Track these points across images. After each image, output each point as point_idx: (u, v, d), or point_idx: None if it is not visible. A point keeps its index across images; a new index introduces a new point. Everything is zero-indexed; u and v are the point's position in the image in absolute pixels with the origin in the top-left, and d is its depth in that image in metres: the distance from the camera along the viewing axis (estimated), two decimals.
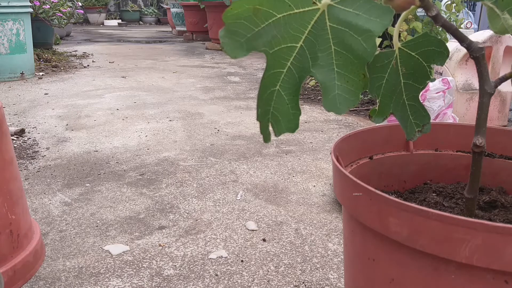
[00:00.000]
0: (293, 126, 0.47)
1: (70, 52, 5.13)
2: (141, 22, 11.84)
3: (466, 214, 0.57)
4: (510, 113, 2.29)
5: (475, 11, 4.63)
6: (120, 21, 11.47)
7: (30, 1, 3.70)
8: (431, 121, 0.57)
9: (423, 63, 0.52)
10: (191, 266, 1.09)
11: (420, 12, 2.45)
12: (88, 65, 4.27)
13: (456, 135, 0.75)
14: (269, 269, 1.08)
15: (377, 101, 0.54)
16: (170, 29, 9.06)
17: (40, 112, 2.53)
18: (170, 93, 3.05)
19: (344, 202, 0.58)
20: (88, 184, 1.57)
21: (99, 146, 1.97)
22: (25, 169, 1.70)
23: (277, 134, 0.47)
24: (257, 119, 0.46)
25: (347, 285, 0.66)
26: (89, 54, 5.06)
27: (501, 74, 1.43)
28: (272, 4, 0.44)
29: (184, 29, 7.50)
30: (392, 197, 0.48)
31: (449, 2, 2.37)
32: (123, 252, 1.15)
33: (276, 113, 0.47)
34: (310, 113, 2.56)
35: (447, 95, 1.59)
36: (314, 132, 2.18)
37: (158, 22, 11.78)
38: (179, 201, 1.44)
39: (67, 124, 2.29)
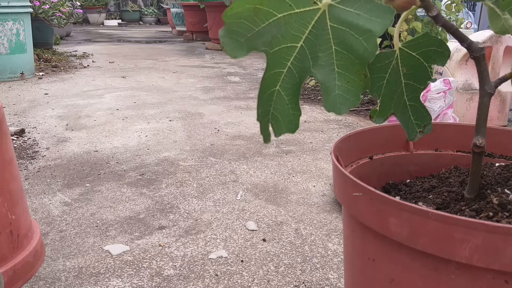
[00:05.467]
0: (293, 127, 0.47)
1: (70, 52, 5.13)
2: (141, 22, 11.84)
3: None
4: (510, 113, 2.29)
5: (475, 11, 4.63)
6: (120, 21, 11.47)
7: (30, 1, 3.70)
8: (432, 121, 0.57)
9: (424, 63, 0.52)
10: (191, 266, 1.09)
11: (420, 12, 2.45)
12: (88, 65, 4.27)
13: (456, 135, 0.75)
14: (269, 269, 1.08)
15: (378, 101, 0.54)
16: (170, 29, 9.06)
17: (40, 112, 2.53)
18: (170, 93, 3.05)
19: (344, 202, 0.58)
20: (88, 184, 1.57)
21: (99, 146, 1.97)
22: (25, 169, 1.70)
23: (277, 134, 0.47)
24: (257, 119, 0.46)
25: (347, 285, 0.66)
26: (89, 54, 5.06)
27: (501, 74, 1.43)
28: (273, 4, 0.43)
29: (184, 29, 7.50)
30: (392, 197, 0.48)
31: (449, 2, 2.37)
32: (123, 252, 1.15)
33: (276, 114, 0.46)
34: (310, 113, 2.56)
35: (448, 95, 1.59)
36: (314, 132, 2.18)
37: (158, 22, 11.78)
38: (179, 201, 1.44)
39: (67, 124, 2.29)
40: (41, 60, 4.22)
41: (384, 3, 0.48)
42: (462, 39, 0.50)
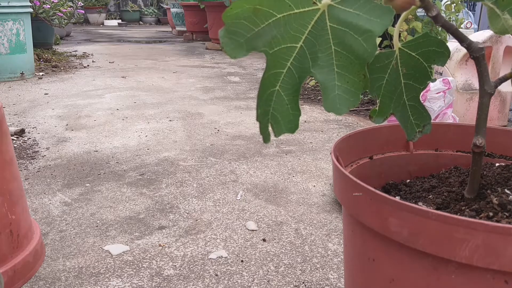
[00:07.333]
0: (292, 127, 0.47)
1: (70, 52, 5.13)
2: (141, 22, 11.84)
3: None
4: (510, 113, 2.29)
5: (475, 11, 4.62)
6: (120, 21, 11.47)
7: (30, 1, 3.70)
8: (431, 121, 0.57)
9: (423, 64, 0.52)
10: (191, 266, 1.09)
11: (420, 12, 2.45)
12: (88, 65, 4.27)
13: (456, 135, 0.75)
14: (269, 269, 1.08)
15: (378, 101, 0.54)
16: (170, 29, 9.06)
17: (40, 112, 2.53)
18: (170, 93, 3.05)
19: (344, 202, 0.58)
20: (88, 184, 1.57)
21: (99, 146, 1.97)
22: (25, 169, 1.70)
23: (277, 134, 0.47)
24: (257, 120, 0.46)
25: (347, 285, 0.66)
26: (89, 54, 5.06)
27: (501, 74, 1.43)
28: (272, 4, 0.44)
29: (184, 29, 7.50)
30: (392, 197, 0.48)
31: (449, 2, 2.37)
32: (123, 252, 1.15)
33: (276, 114, 0.47)
34: (310, 113, 2.56)
35: (447, 95, 1.59)
36: (314, 132, 2.18)
37: (158, 22, 11.78)
38: (179, 201, 1.44)
39: (67, 124, 2.29)
40: (41, 60, 4.22)
41: (383, 3, 0.48)
42: (462, 39, 0.50)
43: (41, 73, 3.75)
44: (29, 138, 2.06)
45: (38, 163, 1.76)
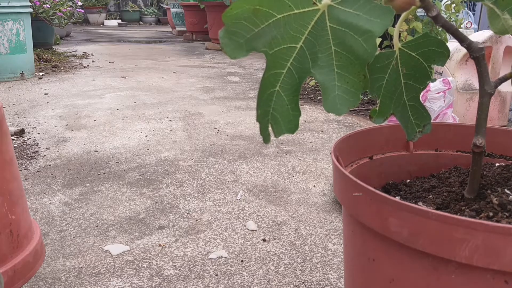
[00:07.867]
0: (292, 127, 0.47)
1: (70, 52, 5.13)
2: (141, 22, 11.83)
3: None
4: (510, 113, 2.29)
5: (475, 11, 4.62)
6: (120, 21, 11.47)
7: (30, 1, 3.70)
8: (431, 121, 0.57)
9: (423, 64, 0.52)
10: (191, 266, 1.09)
11: (420, 12, 2.45)
12: (88, 65, 4.27)
13: (456, 135, 0.75)
14: (269, 269, 1.08)
15: (378, 101, 0.54)
16: (170, 29, 9.06)
17: (40, 112, 2.53)
18: (170, 93, 3.06)
19: (344, 202, 0.58)
20: (88, 184, 1.57)
21: (99, 146, 1.97)
22: (25, 169, 1.70)
23: (277, 135, 0.47)
24: (257, 120, 0.46)
25: (347, 285, 0.66)
26: (89, 54, 5.06)
27: (501, 74, 1.43)
28: (272, 5, 0.44)
29: (184, 29, 7.50)
30: (392, 197, 0.48)
31: (449, 2, 2.37)
32: (123, 252, 1.15)
33: (276, 114, 0.47)
34: (310, 113, 2.56)
35: (447, 95, 1.59)
36: (314, 132, 2.18)
37: (158, 22, 11.78)
38: (179, 201, 1.44)
39: (67, 124, 2.29)
40: (41, 60, 4.22)
41: (383, 3, 0.48)
42: (462, 39, 0.50)
43: (41, 73, 3.75)
44: (29, 138, 2.06)
45: (38, 163, 1.76)
